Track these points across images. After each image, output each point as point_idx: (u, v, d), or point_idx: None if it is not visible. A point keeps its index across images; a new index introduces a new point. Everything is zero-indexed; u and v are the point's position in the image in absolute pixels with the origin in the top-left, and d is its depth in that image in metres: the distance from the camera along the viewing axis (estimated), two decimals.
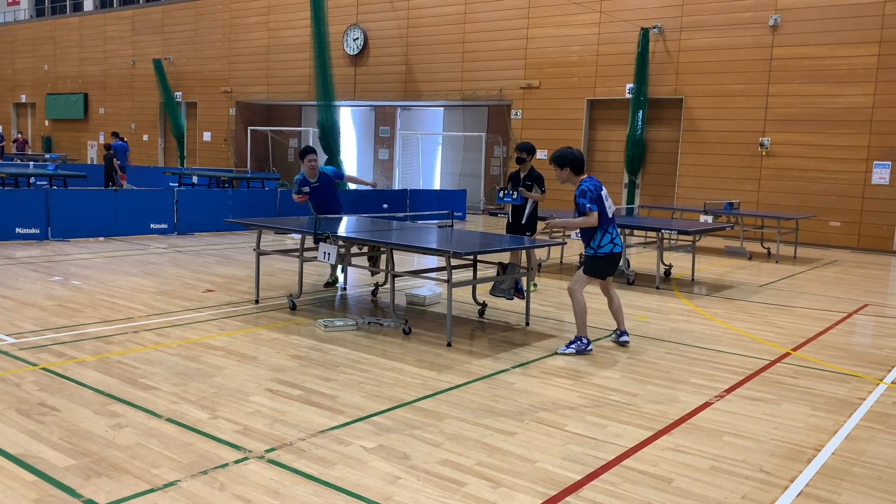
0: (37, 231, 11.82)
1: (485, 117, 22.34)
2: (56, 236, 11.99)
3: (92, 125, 31.35)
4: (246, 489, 3.48)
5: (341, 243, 7.19)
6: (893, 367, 6.17)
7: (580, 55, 19.01)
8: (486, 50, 20.59)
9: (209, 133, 27.49)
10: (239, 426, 4.26)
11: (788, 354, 6.49)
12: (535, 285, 9.00)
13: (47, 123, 33.35)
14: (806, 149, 16.06)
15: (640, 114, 17.98)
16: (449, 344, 6.25)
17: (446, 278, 6.26)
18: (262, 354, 5.80)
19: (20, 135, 32.01)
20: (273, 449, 3.95)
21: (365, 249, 7.99)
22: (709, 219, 12.96)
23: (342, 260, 7.30)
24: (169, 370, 5.28)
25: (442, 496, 3.49)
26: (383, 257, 7.80)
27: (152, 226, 13.21)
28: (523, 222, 8.46)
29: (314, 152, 8.77)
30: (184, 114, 27.97)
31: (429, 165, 24.09)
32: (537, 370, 5.67)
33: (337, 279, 9.05)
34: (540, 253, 11.24)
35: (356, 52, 23.08)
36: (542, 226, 6.82)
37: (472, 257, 7.18)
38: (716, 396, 5.19)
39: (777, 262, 12.88)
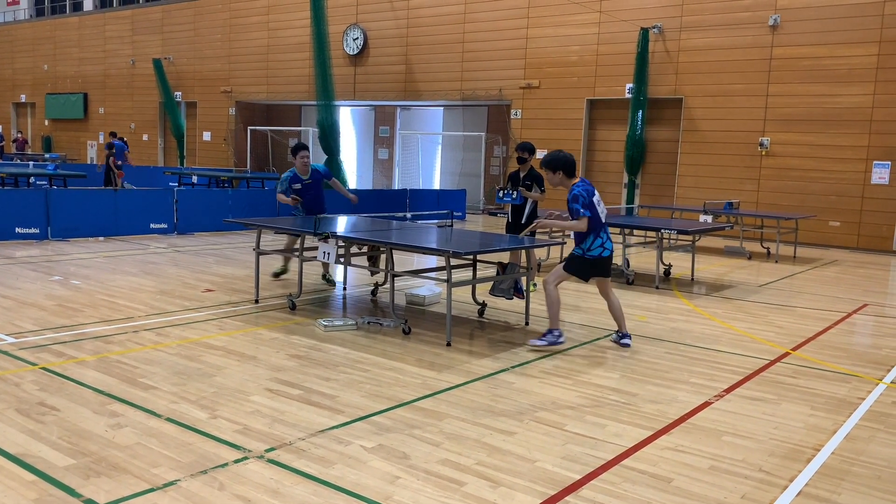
0: (36, 231, 11.82)
1: (484, 117, 22.34)
2: (56, 236, 11.99)
3: (92, 125, 31.35)
4: (245, 489, 3.48)
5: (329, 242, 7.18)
6: (893, 367, 6.17)
7: (580, 55, 19.01)
8: (486, 50, 20.59)
9: (209, 133, 27.49)
10: (238, 426, 4.26)
11: (788, 354, 6.49)
12: (535, 285, 9.00)
13: (47, 123, 33.36)
14: (805, 149, 16.07)
15: (640, 114, 17.98)
16: (448, 344, 6.25)
17: (446, 278, 6.26)
18: (262, 354, 5.80)
19: (20, 134, 32.01)
20: (273, 448, 3.95)
21: (365, 249, 8.00)
22: (708, 218, 12.96)
23: (341, 259, 7.30)
24: (168, 370, 5.28)
25: (442, 496, 3.49)
26: (383, 257, 7.80)
27: (152, 225, 13.21)
28: (523, 222, 8.47)
29: (307, 148, 8.82)
30: (183, 113, 27.97)
31: (428, 165, 24.09)
32: (537, 370, 5.67)
33: (287, 270, 9.03)
34: (539, 253, 11.25)
35: (356, 52, 23.08)
36: (534, 225, 6.80)
37: (472, 257, 7.19)
38: (715, 396, 5.20)
39: (777, 262, 12.88)
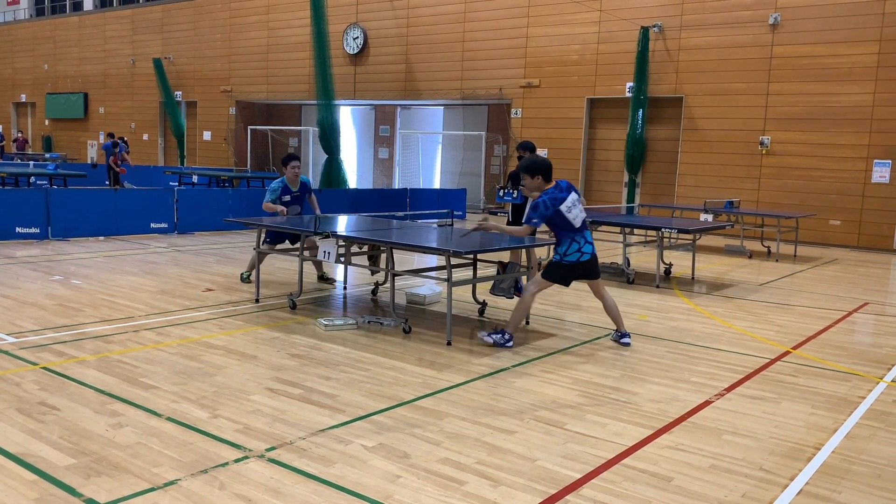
0: (37, 230, 11.82)
1: (485, 116, 22.34)
2: (56, 236, 11.99)
3: (92, 125, 31.35)
4: (246, 488, 3.48)
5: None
6: (893, 366, 6.17)
7: (580, 54, 19.00)
8: (486, 49, 20.58)
9: (209, 132, 27.48)
10: (239, 425, 4.26)
11: (788, 353, 6.49)
12: None
13: (47, 123, 33.36)
14: (806, 147, 16.06)
15: (640, 112, 17.97)
16: (449, 343, 6.25)
17: (446, 277, 6.26)
18: (263, 353, 5.81)
19: (20, 134, 32.02)
20: (273, 448, 3.95)
21: (365, 248, 8.00)
22: (709, 217, 12.96)
23: (341, 259, 7.30)
24: (169, 369, 5.28)
25: (442, 495, 3.49)
26: (383, 256, 7.80)
27: (152, 225, 13.21)
28: (523, 221, 8.46)
29: (298, 159, 8.78)
30: (184, 113, 27.97)
31: (429, 164, 24.09)
32: (537, 369, 5.67)
33: (250, 276, 8.70)
34: (540, 252, 11.25)
35: (356, 52, 23.07)
36: (476, 227, 6.70)
37: (472, 256, 7.19)
38: (716, 395, 5.20)
39: (777, 261, 12.88)
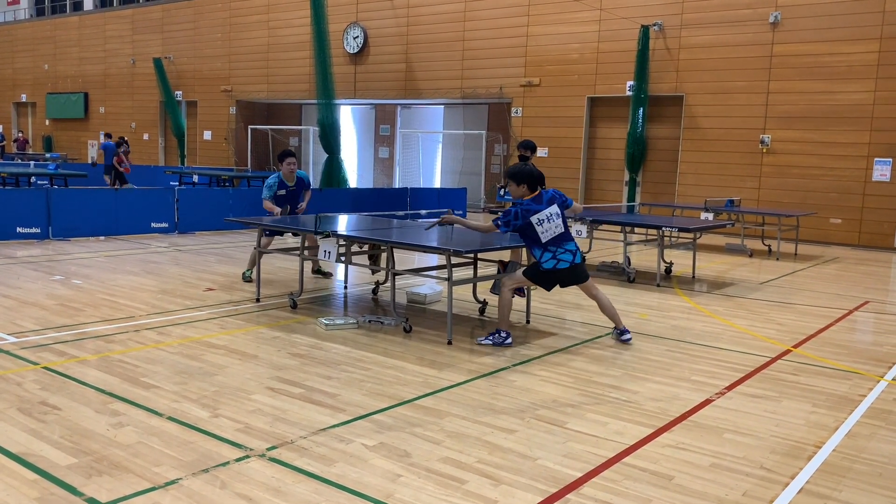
0: (37, 230, 11.82)
1: (485, 115, 22.33)
2: (57, 235, 12.00)
3: (92, 124, 31.35)
4: (247, 487, 3.49)
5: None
6: (894, 364, 6.17)
7: (580, 53, 18.99)
8: (486, 48, 20.57)
9: (209, 132, 27.49)
10: (240, 424, 4.26)
11: (789, 351, 6.49)
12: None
13: (48, 123, 33.36)
14: (806, 146, 16.05)
15: (641, 111, 17.96)
16: (450, 342, 6.26)
17: (447, 276, 6.27)
18: (263, 353, 5.81)
19: (21, 134, 32.02)
20: (274, 447, 3.96)
21: (365, 248, 8.00)
22: (709, 216, 12.96)
23: (342, 258, 7.30)
24: (170, 369, 5.28)
25: (443, 494, 3.50)
26: (384, 255, 7.80)
27: (153, 225, 13.22)
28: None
29: (294, 155, 8.85)
30: (184, 113, 27.97)
31: (429, 164, 24.09)
32: (538, 368, 5.67)
33: (252, 274, 8.72)
34: None
35: (356, 51, 23.07)
36: (440, 220, 6.60)
37: (473, 255, 7.19)
38: (716, 394, 5.20)
39: (778, 260, 12.88)
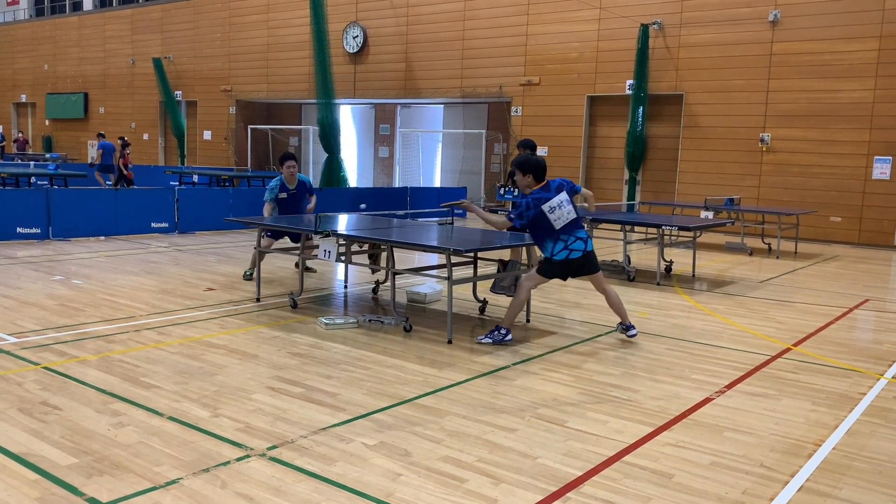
0: (38, 231, 11.82)
1: (485, 114, 22.33)
2: (57, 236, 12.00)
3: (92, 125, 31.33)
4: (248, 487, 3.49)
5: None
6: (894, 362, 6.17)
7: (580, 52, 18.99)
8: (486, 47, 20.57)
9: (209, 132, 27.49)
10: (240, 424, 4.27)
11: (789, 350, 6.49)
12: None
13: (47, 123, 33.36)
14: (806, 144, 16.05)
15: (641, 110, 17.96)
16: (450, 341, 6.26)
17: (447, 276, 6.27)
18: (264, 352, 5.81)
19: (20, 134, 32.03)
20: (274, 446, 3.96)
21: (365, 247, 8.00)
22: (709, 215, 12.96)
23: (342, 258, 7.31)
24: (170, 369, 5.29)
25: (443, 493, 3.50)
26: (384, 255, 7.81)
27: (153, 225, 13.22)
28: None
29: (293, 158, 8.83)
30: (184, 113, 27.97)
31: (429, 163, 24.08)
32: (538, 367, 5.67)
33: (252, 274, 8.69)
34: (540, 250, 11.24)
35: (356, 50, 23.06)
36: (459, 203, 6.74)
37: (473, 254, 7.19)
38: (716, 392, 5.20)
39: (778, 258, 12.88)
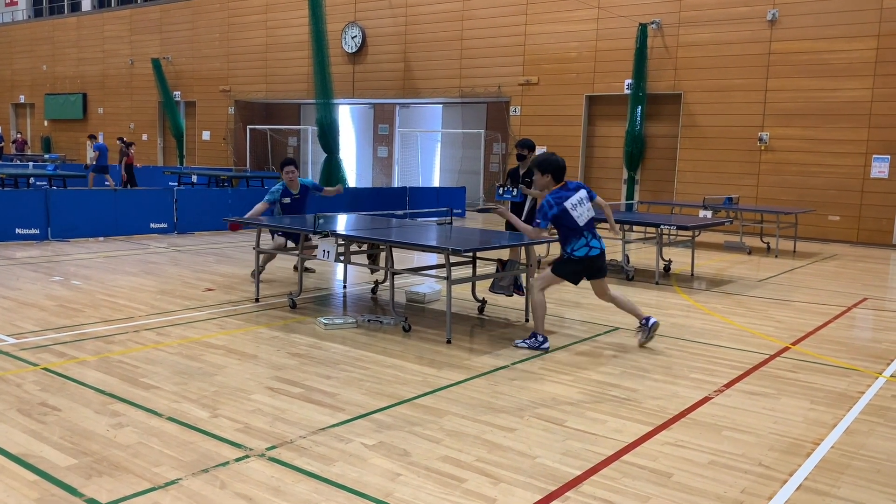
0: (36, 231, 11.82)
1: (483, 114, 22.34)
2: (56, 236, 12.00)
3: (91, 125, 31.32)
4: (247, 487, 3.50)
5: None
6: (892, 361, 6.18)
7: (578, 51, 19.00)
8: (485, 47, 20.58)
9: (208, 132, 27.48)
10: (240, 424, 4.27)
11: (788, 349, 6.50)
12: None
13: (46, 124, 33.34)
14: (805, 143, 16.07)
15: (639, 109, 17.98)
16: (449, 341, 6.26)
17: (446, 275, 6.27)
18: (263, 353, 5.82)
19: (19, 135, 32.00)
20: (274, 447, 3.96)
21: (364, 247, 8.01)
22: (708, 214, 12.97)
23: (341, 258, 7.31)
24: (170, 369, 5.29)
25: (442, 492, 3.50)
26: (383, 255, 7.81)
27: (152, 225, 13.22)
28: (523, 219, 8.47)
29: (291, 163, 8.81)
30: (183, 113, 27.96)
31: (428, 163, 24.10)
32: (537, 366, 5.68)
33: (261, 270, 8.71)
34: (539, 249, 11.25)
35: (354, 50, 23.07)
36: (494, 209, 6.76)
37: (472, 254, 7.20)
38: (715, 391, 5.21)
39: (776, 257, 12.89)
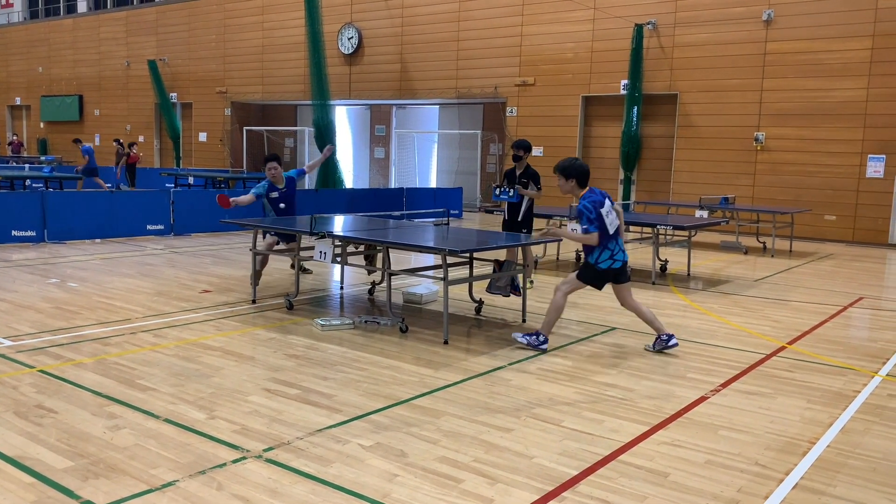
0: (33, 234, 11.80)
1: (480, 115, 22.35)
2: (52, 238, 11.98)
3: (87, 127, 31.29)
4: (244, 488, 3.50)
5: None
6: (888, 360, 6.20)
7: (574, 52, 19.02)
8: (481, 48, 20.59)
9: (205, 134, 27.46)
10: (237, 426, 4.27)
11: (784, 348, 6.51)
12: (532, 282, 9.03)
13: (42, 126, 33.28)
14: (800, 143, 16.10)
15: (635, 110, 18.01)
16: (446, 341, 6.27)
17: (443, 276, 6.28)
18: (260, 354, 5.81)
19: (15, 137, 31.93)
20: (271, 448, 3.96)
21: (361, 248, 8.00)
22: (704, 214, 12.99)
23: (338, 259, 7.30)
24: (166, 371, 5.28)
25: (439, 493, 3.51)
26: (379, 256, 7.81)
27: (148, 227, 13.21)
28: (519, 220, 8.48)
29: (274, 160, 8.76)
30: (179, 115, 27.94)
31: (425, 164, 24.10)
32: (534, 367, 5.68)
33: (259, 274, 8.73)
34: (536, 250, 11.27)
35: (351, 51, 23.07)
36: (545, 233, 6.52)
37: (469, 255, 7.20)
38: (711, 391, 5.22)
39: (773, 257, 12.91)
